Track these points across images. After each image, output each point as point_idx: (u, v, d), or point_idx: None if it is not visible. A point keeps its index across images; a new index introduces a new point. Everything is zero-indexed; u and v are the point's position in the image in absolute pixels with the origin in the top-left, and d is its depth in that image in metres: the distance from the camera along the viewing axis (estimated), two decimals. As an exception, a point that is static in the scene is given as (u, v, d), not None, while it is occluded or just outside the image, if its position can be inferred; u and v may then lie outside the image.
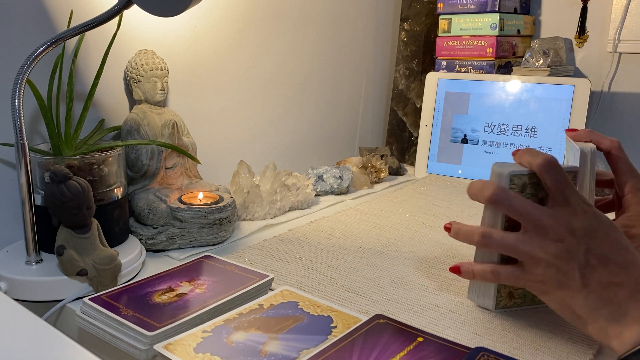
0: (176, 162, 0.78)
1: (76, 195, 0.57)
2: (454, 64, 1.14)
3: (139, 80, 0.76)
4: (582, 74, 1.16)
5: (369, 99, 1.27)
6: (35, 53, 0.57)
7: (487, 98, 1.06)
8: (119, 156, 0.68)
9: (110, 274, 0.59)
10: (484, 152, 1.05)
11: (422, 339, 0.48)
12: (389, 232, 0.79)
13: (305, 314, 0.52)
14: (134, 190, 0.75)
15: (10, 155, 0.69)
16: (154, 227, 0.71)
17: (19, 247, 0.65)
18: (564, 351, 0.49)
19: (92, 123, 0.76)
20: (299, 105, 1.09)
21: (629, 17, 1.09)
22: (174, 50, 0.85)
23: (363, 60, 1.23)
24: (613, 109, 1.13)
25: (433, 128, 1.11)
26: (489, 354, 0.45)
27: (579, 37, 1.13)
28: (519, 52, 1.17)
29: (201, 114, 0.91)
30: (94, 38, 0.75)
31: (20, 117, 0.56)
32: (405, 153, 1.23)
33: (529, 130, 1.01)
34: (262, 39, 0.99)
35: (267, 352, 0.45)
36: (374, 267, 0.66)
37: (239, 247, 0.73)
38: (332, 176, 0.97)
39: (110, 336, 0.50)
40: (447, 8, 1.13)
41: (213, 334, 0.48)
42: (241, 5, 0.94)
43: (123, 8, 0.60)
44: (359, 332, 0.48)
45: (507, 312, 0.56)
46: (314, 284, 0.62)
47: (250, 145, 1.01)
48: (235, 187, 0.83)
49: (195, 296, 0.55)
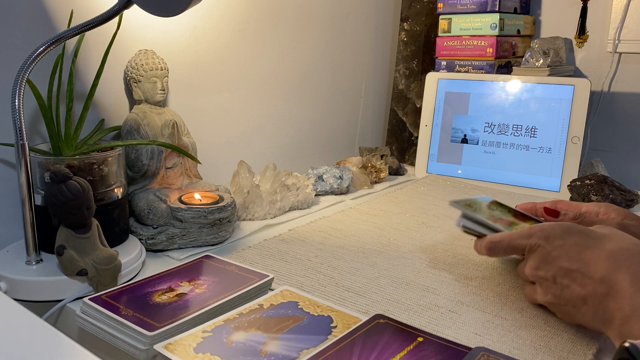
0: (176, 162, 0.78)
1: (76, 195, 0.57)
2: (454, 64, 1.14)
3: (139, 80, 0.76)
4: (582, 74, 1.16)
5: (369, 99, 1.27)
6: (35, 53, 0.57)
7: (487, 98, 1.06)
8: (119, 156, 0.68)
9: (110, 274, 0.59)
10: (484, 152, 1.05)
11: (422, 339, 0.48)
12: (389, 232, 0.79)
13: (305, 314, 0.52)
14: (134, 190, 0.75)
15: (10, 155, 0.69)
16: (154, 227, 0.71)
17: (19, 247, 0.65)
18: (564, 351, 0.49)
19: (92, 123, 0.76)
20: (299, 105, 1.09)
21: (629, 17, 1.09)
22: (174, 50, 0.85)
23: (363, 60, 1.23)
24: (613, 109, 1.13)
25: (433, 128, 1.11)
26: (489, 354, 0.45)
27: (579, 37, 1.13)
28: (519, 52, 1.17)
29: (201, 114, 0.91)
30: (94, 38, 0.75)
31: (20, 117, 0.56)
32: (405, 153, 1.23)
33: (529, 130, 1.01)
34: (262, 39, 0.99)
35: (267, 352, 0.45)
36: (374, 267, 0.66)
37: (239, 247, 0.73)
38: (332, 176, 0.97)
39: (110, 336, 0.50)
40: (447, 8, 1.13)
41: (213, 334, 0.48)
42: (241, 5, 0.94)
43: (123, 8, 0.60)
44: (359, 332, 0.48)
45: (507, 312, 0.56)
46: (314, 284, 0.62)
47: (250, 145, 1.01)
48: (235, 187, 0.83)
49: (195, 296, 0.55)
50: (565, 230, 0.52)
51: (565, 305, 0.51)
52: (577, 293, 0.49)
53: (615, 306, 0.45)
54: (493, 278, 0.64)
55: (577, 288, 0.49)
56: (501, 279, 0.63)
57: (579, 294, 0.48)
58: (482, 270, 0.66)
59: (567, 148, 0.97)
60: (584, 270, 0.48)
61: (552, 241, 0.52)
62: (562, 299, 0.50)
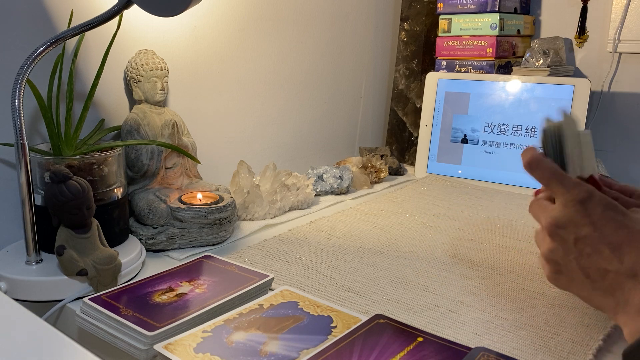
0: (176, 162, 0.78)
1: (76, 195, 0.57)
2: (454, 64, 1.14)
3: (139, 80, 0.76)
4: (582, 74, 1.16)
5: (369, 99, 1.27)
6: (35, 53, 0.57)
7: (487, 98, 1.06)
8: (119, 156, 0.68)
9: (110, 274, 0.59)
10: (484, 152, 1.05)
11: (422, 339, 0.48)
12: (389, 232, 0.79)
13: (305, 314, 0.52)
14: (134, 190, 0.75)
15: (10, 155, 0.69)
16: (154, 227, 0.71)
17: (19, 247, 0.65)
18: (564, 351, 0.49)
19: (92, 123, 0.76)
20: (299, 105, 1.09)
21: (629, 17, 1.09)
22: (174, 50, 0.85)
23: (363, 60, 1.23)
24: (613, 109, 1.13)
25: (433, 128, 1.11)
26: (489, 354, 0.45)
27: (579, 37, 1.13)
28: (519, 52, 1.17)
29: (201, 114, 0.91)
30: (94, 38, 0.75)
31: (20, 117, 0.56)
32: (405, 153, 1.23)
33: (529, 130, 1.01)
34: (262, 39, 0.99)
35: (267, 352, 0.45)
36: (374, 267, 0.66)
37: (239, 247, 0.73)
38: (332, 176, 0.97)
39: (110, 336, 0.50)
40: (447, 8, 1.13)
41: (213, 334, 0.48)
42: (241, 5, 0.94)
43: (123, 8, 0.60)
44: (359, 332, 0.48)
45: (507, 312, 0.56)
46: (314, 284, 0.62)
47: (250, 145, 1.01)
48: (235, 187, 0.83)
49: (195, 296, 0.55)
50: (607, 203, 0.48)
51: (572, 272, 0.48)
52: (598, 265, 0.46)
53: (636, 293, 0.44)
54: (493, 278, 0.64)
55: (600, 260, 0.46)
56: (501, 279, 0.63)
57: (600, 266, 0.46)
58: (482, 270, 0.66)
59: (567, 148, 0.97)
60: (614, 247, 0.46)
61: (591, 206, 0.47)
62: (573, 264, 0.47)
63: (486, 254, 0.71)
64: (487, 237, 0.77)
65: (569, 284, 0.49)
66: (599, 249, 0.46)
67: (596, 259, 0.46)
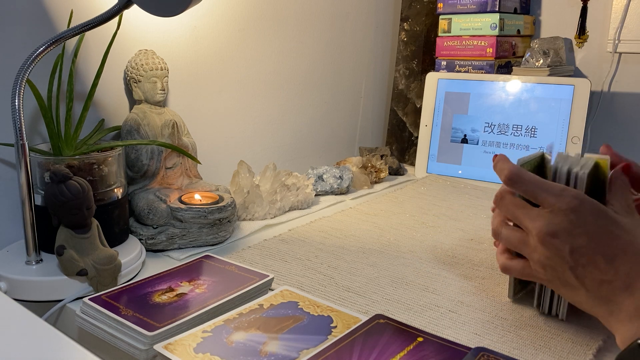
0: (176, 162, 0.78)
1: (76, 195, 0.57)
2: (454, 64, 1.14)
3: (139, 80, 0.76)
4: (582, 74, 1.16)
5: (369, 99, 1.27)
6: (35, 53, 0.57)
7: (487, 98, 1.06)
8: (119, 156, 0.68)
9: (110, 274, 0.59)
10: (484, 152, 1.05)
11: (422, 339, 0.48)
12: (389, 232, 0.79)
13: (305, 314, 0.52)
14: (134, 190, 0.75)
15: (10, 155, 0.69)
16: (154, 227, 0.71)
17: (19, 247, 0.65)
18: (564, 351, 0.49)
19: (92, 123, 0.76)
20: (299, 105, 1.09)
21: (629, 17, 1.09)
22: (174, 50, 0.85)
23: (363, 60, 1.23)
24: (613, 109, 1.13)
25: (433, 128, 1.11)
26: (489, 354, 0.45)
27: (579, 37, 1.13)
28: (519, 52, 1.17)
29: (201, 114, 0.91)
30: (94, 38, 0.75)
31: (20, 117, 0.56)
32: (405, 153, 1.23)
33: (529, 130, 1.01)
34: (262, 39, 0.99)
35: (267, 352, 0.45)
36: (374, 267, 0.66)
37: (239, 247, 0.73)
38: (332, 176, 0.97)
39: (110, 336, 0.50)
40: (447, 8, 1.13)
41: (213, 334, 0.48)
42: (241, 5, 0.94)
43: (123, 8, 0.60)
44: (359, 332, 0.48)
45: (507, 312, 0.56)
46: (314, 284, 0.62)
47: (250, 145, 1.01)
48: (235, 187, 0.83)
49: (195, 296, 0.55)
50: (599, 211, 0.48)
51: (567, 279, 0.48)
52: (593, 275, 0.46)
53: (630, 301, 0.44)
54: (493, 278, 0.64)
55: (596, 271, 0.46)
56: (501, 279, 0.63)
57: (596, 277, 0.46)
58: (482, 270, 0.66)
59: (567, 148, 0.97)
60: (609, 259, 0.46)
61: (583, 214, 0.47)
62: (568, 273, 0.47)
63: (486, 254, 0.71)
64: (487, 237, 0.77)
65: (562, 289, 0.50)
66: (595, 260, 0.47)
67: (591, 270, 0.47)
